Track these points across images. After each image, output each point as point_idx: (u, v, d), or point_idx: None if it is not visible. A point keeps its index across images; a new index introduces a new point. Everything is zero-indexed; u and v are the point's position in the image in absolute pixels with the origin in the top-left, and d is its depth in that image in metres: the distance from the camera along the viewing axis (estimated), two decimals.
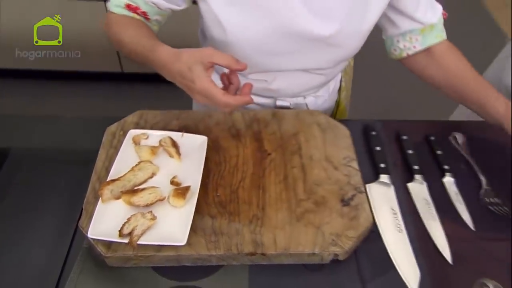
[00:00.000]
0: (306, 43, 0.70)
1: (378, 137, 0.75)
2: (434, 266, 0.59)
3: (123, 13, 0.72)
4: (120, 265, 0.58)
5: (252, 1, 0.66)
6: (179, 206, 0.60)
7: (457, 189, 0.69)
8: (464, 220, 0.65)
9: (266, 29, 0.68)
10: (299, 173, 0.67)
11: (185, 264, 0.59)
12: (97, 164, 0.67)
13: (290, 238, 0.58)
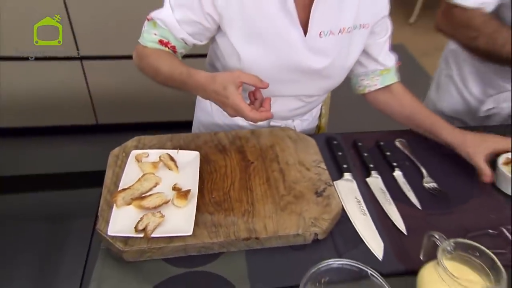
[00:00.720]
0: (304, 75, 0.86)
1: (339, 145, 0.89)
2: (394, 238, 0.72)
3: (155, 47, 0.86)
4: (136, 259, 0.66)
5: (263, 41, 0.81)
6: (182, 206, 0.70)
7: (405, 179, 0.83)
8: (412, 202, 0.78)
9: (273, 62, 0.83)
10: (278, 175, 0.79)
11: (191, 254, 0.68)
12: (106, 180, 0.76)
13: (278, 223, 0.69)
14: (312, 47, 0.82)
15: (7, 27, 1.80)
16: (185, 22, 0.83)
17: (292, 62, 0.83)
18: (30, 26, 1.78)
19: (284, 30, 0.80)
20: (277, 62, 0.83)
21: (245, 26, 0.80)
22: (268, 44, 0.81)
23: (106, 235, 0.65)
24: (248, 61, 0.82)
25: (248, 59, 0.82)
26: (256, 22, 0.79)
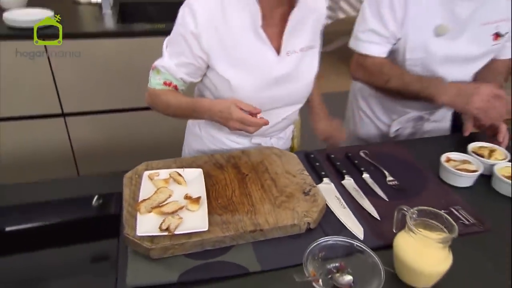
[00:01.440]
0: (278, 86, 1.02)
1: (315, 158, 1.04)
2: (370, 223, 0.86)
3: (161, 88, 1.01)
4: (160, 255, 0.75)
5: (246, 65, 0.97)
6: (195, 210, 0.81)
7: (372, 180, 0.99)
8: (380, 196, 0.94)
9: (256, 80, 0.99)
10: (270, 182, 0.92)
11: (207, 248, 0.78)
12: (125, 196, 0.86)
13: (276, 217, 0.82)
14: (283, 63, 1.00)
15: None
16: (181, 65, 0.98)
17: (270, 77, 1.00)
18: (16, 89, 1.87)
19: (261, 53, 0.97)
20: (259, 80, 0.99)
21: (229, 57, 0.96)
22: (250, 67, 0.98)
23: (134, 237, 0.75)
24: (237, 85, 0.97)
25: (237, 82, 0.97)
26: (237, 53, 0.96)
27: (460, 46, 1.15)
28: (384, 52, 1.19)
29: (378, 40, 1.17)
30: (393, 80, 1.16)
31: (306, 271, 0.68)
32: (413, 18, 1.11)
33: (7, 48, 1.79)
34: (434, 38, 1.13)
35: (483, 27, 1.14)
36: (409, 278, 0.73)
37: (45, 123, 2.02)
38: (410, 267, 0.70)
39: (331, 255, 0.74)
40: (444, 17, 1.11)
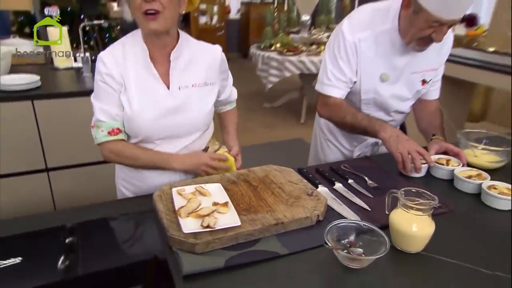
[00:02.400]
0: (174, 116, 1.16)
1: (307, 172, 1.21)
2: (363, 213, 1.02)
3: (108, 139, 1.15)
4: (203, 249, 0.85)
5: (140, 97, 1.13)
6: (225, 212, 0.93)
7: (356, 184, 1.16)
8: (365, 194, 1.11)
9: (151, 109, 1.14)
10: (279, 190, 1.07)
11: (240, 242, 0.89)
12: (160, 209, 0.95)
13: (292, 212, 0.96)
14: (176, 96, 1.16)
15: None
16: (110, 104, 1.13)
17: (163, 108, 1.15)
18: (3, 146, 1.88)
19: (154, 88, 1.15)
20: (154, 110, 1.14)
21: (130, 92, 1.13)
22: (146, 100, 1.14)
23: (179, 236, 0.85)
24: (137, 114, 1.13)
25: (137, 113, 1.13)
26: (135, 88, 1.13)
27: (398, 89, 1.42)
28: (343, 95, 1.42)
29: (338, 84, 1.40)
30: (348, 116, 1.38)
31: (329, 242, 0.82)
32: (364, 68, 1.37)
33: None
34: (380, 83, 1.39)
35: (413, 75, 1.41)
36: (405, 244, 0.89)
37: (28, 179, 2.01)
38: (405, 234, 0.87)
39: (343, 234, 0.88)
40: (386, 67, 1.37)
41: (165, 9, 1.04)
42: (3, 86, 1.87)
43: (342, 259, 0.84)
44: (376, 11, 1.35)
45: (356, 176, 1.22)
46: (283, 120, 4.27)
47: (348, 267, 0.84)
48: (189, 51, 1.18)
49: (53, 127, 1.97)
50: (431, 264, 0.87)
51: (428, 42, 1.26)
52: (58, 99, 1.95)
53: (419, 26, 1.21)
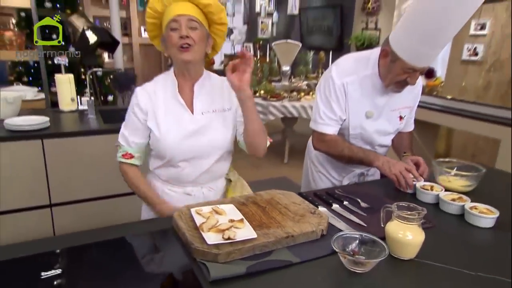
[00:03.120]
0: (198, 139, 1.29)
1: (306, 195, 1.30)
2: (359, 228, 1.11)
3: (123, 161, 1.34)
4: (225, 259, 0.92)
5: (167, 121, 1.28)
6: (241, 227, 1.01)
7: (351, 205, 1.26)
8: (359, 213, 1.21)
9: (176, 132, 1.28)
10: (285, 209, 1.15)
11: (256, 253, 0.96)
12: (182, 226, 1.02)
13: (300, 227, 1.04)
14: (199, 120, 1.30)
15: None
16: (132, 131, 1.31)
17: (187, 130, 1.28)
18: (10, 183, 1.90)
19: (179, 113, 1.30)
20: (178, 132, 1.28)
21: (158, 117, 1.28)
22: (172, 123, 1.28)
23: (203, 248, 0.92)
24: (164, 136, 1.27)
25: (163, 135, 1.27)
26: (163, 113, 1.28)
27: (380, 124, 1.57)
28: (335, 131, 1.57)
29: (330, 122, 1.55)
30: (345, 150, 1.54)
31: (337, 250, 0.91)
32: (352, 107, 1.52)
33: (7, 149, 1.87)
34: (365, 120, 1.55)
35: (392, 112, 1.58)
36: (400, 251, 0.98)
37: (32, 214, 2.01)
38: (401, 241, 0.96)
39: (347, 244, 0.97)
40: (370, 106, 1.53)
41: (195, 44, 1.23)
42: (15, 127, 1.92)
43: (348, 263, 0.92)
44: (358, 60, 1.54)
45: (350, 199, 1.32)
46: (268, 160, 4.39)
47: (353, 271, 0.92)
48: (210, 83, 1.35)
49: (59, 164, 2.01)
50: (423, 269, 0.96)
51: (404, 85, 1.44)
52: (66, 138, 2.02)
53: (396, 72, 1.40)
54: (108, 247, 1.03)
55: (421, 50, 1.32)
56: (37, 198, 2.00)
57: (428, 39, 1.30)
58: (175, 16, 1.21)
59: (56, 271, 0.87)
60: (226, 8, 7.10)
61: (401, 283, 0.92)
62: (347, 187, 1.49)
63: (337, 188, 1.42)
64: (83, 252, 1.00)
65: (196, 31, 1.23)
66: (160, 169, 1.35)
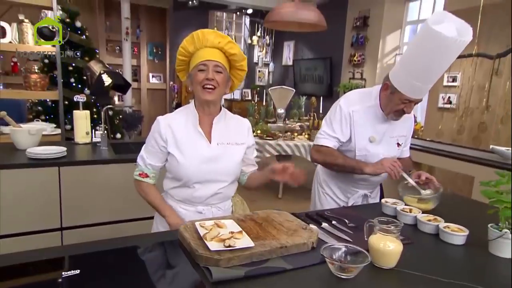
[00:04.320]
0: (209, 164, 1.37)
1: (299, 215, 1.36)
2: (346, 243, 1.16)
3: (138, 179, 1.43)
4: (225, 265, 0.97)
5: (186, 148, 1.36)
6: (240, 238, 1.06)
7: (339, 224, 1.32)
8: (347, 231, 1.26)
9: (195, 158, 1.36)
10: (279, 225, 1.21)
11: (253, 260, 1.01)
12: (188, 237, 1.07)
13: (293, 240, 1.09)
14: (214, 149, 1.38)
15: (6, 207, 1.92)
16: (150, 154, 1.41)
17: (203, 156, 1.37)
18: (26, 206, 1.93)
19: (198, 142, 1.38)
20: (196, 158, 1.36)
21: (178, 144, 1.37)
22: (190, 150, 1.37)
23: (207, 254, 0.97)
24: (183, 162, 1.36)
25: (182, 160, 1.36)
26: (183, 141, 1.37)
27: (382, 148, 1.69)
28: (333, 145, 1.68)
29: (329, 138, 1.68)
30: (339, 159, 1.65)
31: (326, 257, 0.96)
32: (357, 132, 1.65)
33: (27, 175, 1.93)
34: (369, 144, 1.67)
35: (391, 139, 1.72)
36: (381, 261, 1.03)
37: (42, 236, 2.03)
38: (381, 251, 1.02)
39: (335, 254, 1.02)
40: (373, 132, 1.67)
41: (219, 86, 1.34)
42: (35, 155, 1.99)
43: (335, 269, 0.97)
44: (362, 93, 1.72)
45: (338, 219, 1.38)
46: (264, 195, 4.43)
47: (340, 277, 0.96)
48: (226, 119, 1.46)
49: (72, 190, 2.06)
50: (402, 277, 1.01)
51: (401, 113, 1.60)
52: (80, 166, 2.08)
53: (395, 102, 1.56)
54: (119, 254, 1.07)
55: (415, 84, 1.49)
56: (49, 221, 2.03)
57: (420, 75, 1.47)
58: (204, 60, 1.32)
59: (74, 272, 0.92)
60: None
61: (383, 287, 0.97)
62: (336, 210, 1.55)
63: (326, 211, 1.48)
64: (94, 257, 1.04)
65: (220, 75, 1.34)
66: (175, 189, 1.42)
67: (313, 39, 6.89)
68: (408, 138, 1.80)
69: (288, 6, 4.21)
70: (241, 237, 1.07)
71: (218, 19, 7.70)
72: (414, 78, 1.47)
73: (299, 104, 5.04)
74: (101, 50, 6.91)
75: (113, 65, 6.88)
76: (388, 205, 1.49)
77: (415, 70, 1.46)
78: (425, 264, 1.08)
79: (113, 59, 7.00)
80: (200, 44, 1.35)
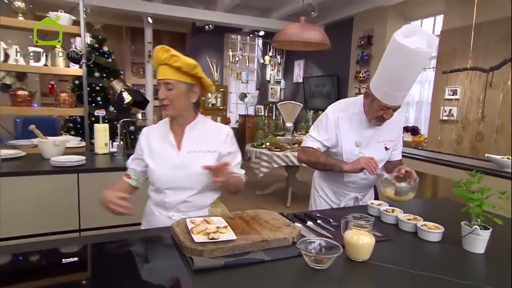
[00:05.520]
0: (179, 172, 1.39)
1: (287, 215, 1.38)
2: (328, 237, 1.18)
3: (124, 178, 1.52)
4: (208, 256, 1.00)
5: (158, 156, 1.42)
6: (225, 232, 1.09)
7: (323, 223, 1.33)
8: (329, 229, 1.27)
9: (164, 164, 1.41)
10: (265, 223, 1.23)
11: (236, 252, 1.04)
12: (178, 231, 1.11)
13: (274, 235, 1.12)
14: (183, 157, 1.40)
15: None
16: (134, 159, 1.51)
17: (172, 163, 1.40)
18: (49, 209, 2.02)
19: (168, 150, 1.42)
20: (166, 165, 1.40)
21: (151, 153, 1.44)
22: (161, 158, 1.42)
23: (192, 246, 1.01)
24: (154, 168, 1.42)
25: (154, 167, 1.42)
26: (156, 150, 1.43)
27: (368, 152, 1.67)
28: (317, 147, 1.71)
29: (313, 140, 1.72)
30: (322, 158, 1.68)
31: (301, 249, 0.98)
32: (344, 137, 1.67)
33: (50, 180, 2.03)
34: (356, 148, 1.69)
35: (378, 143, 1.72)
36: (356, 254, 1.04)
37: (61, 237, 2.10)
38: (354, 245, 1.03)
39: (311, 248, 1.04)
40: (359, 137, 1.68)
41: (172, 102, 1.36)
42: (58, 163, 2.10)
43: (309, 260, 0.99)
44: (348, 102, 1.75)
45: (323, 218, 1.39)
46: (273, 205, 4.43)
47: (315, 269, 0.98)
48: (202, 127, 1.46)
49: (90, 194, 2.14)
50: (374, 268, 1.01)
51: (382, 119, 1.62)
52: (97, 173, 2.17)
53: (374, 109, 1.59)
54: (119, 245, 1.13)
55: (390, 92, 1.52)
56: (68, 222, 2.11)
57: (393, 83, 1.50)
58: (158, 80, 1.37)
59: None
60: (241, 76, 7.56)
61: (355, 278, 0.98)
62: (324, 210, 1.56)
63: (314, 211, 1.50)
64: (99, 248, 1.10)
65: (172, 91, 1.34)
66: (152, 193, 1.48)
67: (321, 57, 6.95)
68: (397, 142, 1.80)
69: (293, 27, 4.30)
70: (226, 232, 1.10)
71: (233, 41, 7.88)
72: (388, 86, 1.50)
73: (306, 118, 5.07)
74: (127, 72, 7.19)
75: (137, 85, 7.14)
76: (373, 206, 1.49)
77: (388, 79, 1.50)
78: (400, 259, 1.08)
79: (137, 80, 7.26)
80: (156, 61, 1.37)
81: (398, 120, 1.75)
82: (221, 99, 7.09)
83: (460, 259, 1.10)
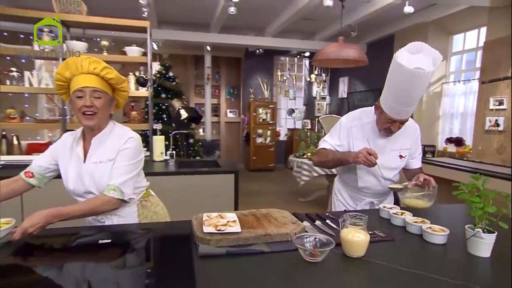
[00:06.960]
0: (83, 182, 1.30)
1: (299, 214, 1.37)
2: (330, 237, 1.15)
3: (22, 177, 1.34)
4: (215, 244, 1.04)
5: (67, 165, 1.32)
6: (234, 226, 1.13)
7: (331, 223, 1.29)
8: (337, 228, 1.24)
9: (72, 173, 1.31)
10: (274, 220, 1.24)
11: (240, 243, 1.06)
12: (195, 224, 1.17)
13: (278, 230, 1.12)
14: (87, 167, 1.30)
15: None
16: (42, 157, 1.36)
17: (78, 172, 1.30)
18: None
19: (76, 160, 1.32)
20: (74, 174, 1.31)
21: (62, 161, 1.34)
22: (70, 167, 1.32)
23: (201, 235, 1.05)
24: (64, 176, 1.33)
25: (64, 175, 1.33)
26: (65, 160, 1.33)
27: (382, 160, 1.57)
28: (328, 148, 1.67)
29: (326, 143, 1.69)
30: (330, 154, 1.63)
31: (296, 243, 0.98)
32: (356, 144, 1.61)
33: None
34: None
35: (392, 152, 1.63)
36: (351, 250, 1.00)
37: None
38: (350, 242, 1.00)
39: (308, 243, 1.03)
40: (371, 145, 1.60)
41: (99, 111, 1.26)
42: None
43: (303, 253, 0.97)
44: (363, 111, 1.69)
45: (332, 219, 1.35)
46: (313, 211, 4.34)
47: (309, 262, 0.97)
48: (108, 137, 1.33)
49: None
50: (368, 264, 0.97)
51: (389, 131, 1.54)
52: (153, 176, 2.35)
53: (382, 121, 1.52)
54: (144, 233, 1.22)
55: (396, 107, 1.43)
56: None
57: (398, 99, 1.42)
58: (81, 87, 1.23)
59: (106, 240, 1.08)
60: (289, 93, 7.60)
61: (346, 272, 0.94)
62: (337, 212, 1.51)
63: (328, 213, 1.46)
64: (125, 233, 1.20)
65: (99, 100, 1.25)
66: None
67: (364, 74, 6.71)
68: (415, 151, 1.68)
69: (332, 47, 4.25)
70: (234, 225, 1.13)
71: (282, 63, 7.98)
72: (393, 101, 1.43)
73: None
74: (190, 93, 7.66)
75: (199, 104, 7.56)
76: (384, 209, 1.41)
77: (394, 95, 1.43)
78: (397, 258, 1.02)
79: (199, 100, 7.69)
80: (76, 70, 1.25)
81: (416, 128, 1.66)
82: (271, 114, 7.18)
83: (462, 261, 0.99)
